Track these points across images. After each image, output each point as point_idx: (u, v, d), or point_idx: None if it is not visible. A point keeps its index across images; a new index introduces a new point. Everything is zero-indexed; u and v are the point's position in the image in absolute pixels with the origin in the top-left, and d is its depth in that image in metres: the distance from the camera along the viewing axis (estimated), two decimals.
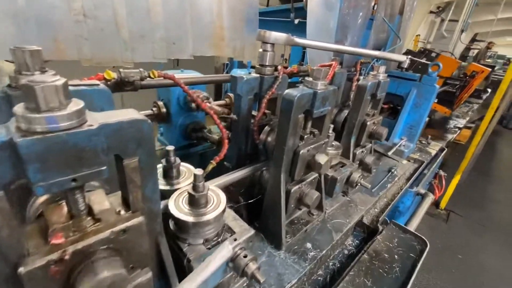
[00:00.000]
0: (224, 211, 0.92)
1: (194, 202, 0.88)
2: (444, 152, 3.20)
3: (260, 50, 1.28)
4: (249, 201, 1.33)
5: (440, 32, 15.58)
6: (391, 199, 1.91)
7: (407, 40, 15.80)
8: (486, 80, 8.76)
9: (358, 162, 1.83)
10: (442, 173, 3.14)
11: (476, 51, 13.28)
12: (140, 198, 0.66)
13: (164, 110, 1.99)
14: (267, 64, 1.30)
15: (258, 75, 1.30)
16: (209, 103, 1.52)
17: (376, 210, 1.79)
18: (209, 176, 1.21)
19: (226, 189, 1.54)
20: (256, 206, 1.35)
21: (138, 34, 1.64)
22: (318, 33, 1.93)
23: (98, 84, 0.90)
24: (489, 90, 6.97)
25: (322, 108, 1.14)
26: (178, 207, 0.90)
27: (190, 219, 0.85)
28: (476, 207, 4.44)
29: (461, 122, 5.29)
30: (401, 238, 1.51)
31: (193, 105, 1.88)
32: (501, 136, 8.77)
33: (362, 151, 1.78)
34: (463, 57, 13.34)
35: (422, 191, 2.27)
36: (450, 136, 4.51)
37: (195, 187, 0.88)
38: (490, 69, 4.56)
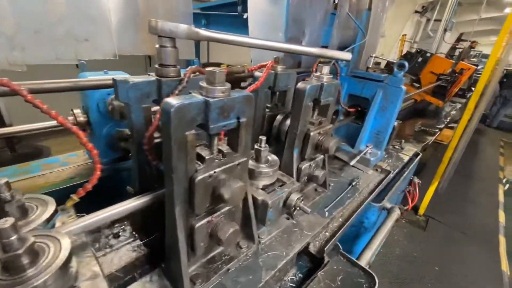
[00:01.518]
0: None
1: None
2: (419, 157, 2.99)
3: (157, 46, 1.00)
4: (148, 238, 1.05)
5: (426, 32, 15.67)
6: (347, 219, 1.66)
7: (393, 39, 15.77)
8: (469, 79, 8.80)
9: (306, 178, 1.57)
10: (416, 180, 2.93)
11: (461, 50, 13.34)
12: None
13: (82, 119, 1.69)
14: (167, 63, 1.02)
15: (154, 77, 1.02)
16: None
17: (327, 234, 1.53)
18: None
19: (133, 220, 1.26)
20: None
21: (30, 29, 1.34)
22: (263, 29, 1.67)
23: None
24: (473, 89, 7.03)
25: (223, 122, 0.87)
26: None
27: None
28: (457, 212, 4.28)
29: (451, 112, 5.62)
30: (348, 274, 1.26)
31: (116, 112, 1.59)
32: (485, 135, 8.74)
33: (310, 165, 1.52)
34: (450, 56, 13.40)
35: (388, 205, 2.04)
36: (429, 138, 4.36)
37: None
38: (475, 67, 4.90)
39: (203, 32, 1.01)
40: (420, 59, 5.24)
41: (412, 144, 3.91)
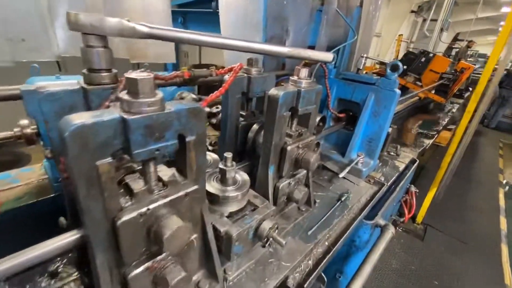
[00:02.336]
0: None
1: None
2: (416, 164, 2.80)
3: (82, 45, 0.79)
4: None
5: (422, 32, 15.59)
6: (334, 242, 1.45)
7: (389, 39, 15.65)
8: (467, 79, 8.68)
9: (285, 198, 1.37)
10: (413, 189, 2.73)
11: (458, 50, 13.26)
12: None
13: (29, 130, 1.47)
14: (97, 68, 0.81)
15: (80, 85, 0.81)
16: None
17: (310, 262, 1.32)
18: None
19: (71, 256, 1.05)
20: None
21: None
22: (237, 27, 1.46)
23: None
24: (470, 89, 6.96)
25: (156, 145, 0.67)
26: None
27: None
28: (456, 218, 4.08)
29: (455, 107, 5.88)
30: None
31: None
32: (483, 136, 8.58)
33: (289, 183, 1.32)
34: (447, 56, 13.29)
35: (382, 222, 1.83)
36: (427, 142, 4.17)
37: None
38: (475, 65, 4.62)
39: (141, 28, 0.80)
40: (423, 59, 5.41)
41: (410, 149, 3.74)
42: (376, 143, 2.07)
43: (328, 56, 1.08)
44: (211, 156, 1.26)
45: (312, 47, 2.33)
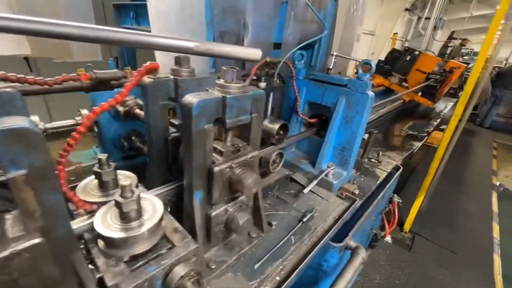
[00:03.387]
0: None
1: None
2: (400, 171, 2.57)
3: None
4: None
5: (417, 30, 15.43)
6: (287, 276, 1.21)
7: (384, 37, 15.54)
8: (460, 78, 8.47)
9: (222, 227, 1.13)
10: (396, 199, 2.50)
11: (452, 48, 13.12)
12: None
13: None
14: None
15: None
16: None
17: None
18: None
19: None
20: None
21: None
22: (169, 19, 1.22)
23: None
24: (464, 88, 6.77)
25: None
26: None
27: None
28: (447, 225, 3.87)
29: (444, 110, 5.50)
30: None
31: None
32: (477, 136, 8.40)
33: (227, 210, 1.08)
34: (442, 55, 13.12)
35: (352, 244, 1.60)
36: (416, 144, 3.95)
37: None
38: (466, 65, 4.58)
39: None
40: (408, 58, 4.95)
41: (396, 153, 3.52)
42: (349, 152, 1.84)
43: (256, 54, 0.84)
44: (123, 175, 1.01)
45: (279, 45, 2.10)
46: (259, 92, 1.00)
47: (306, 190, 1.61)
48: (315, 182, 1.69)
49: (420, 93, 4.91)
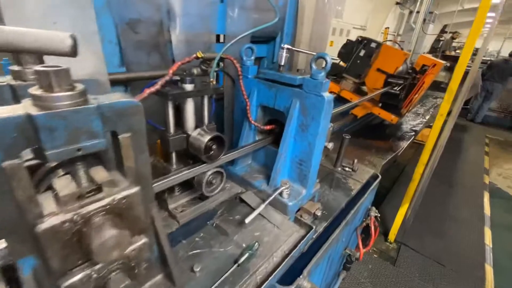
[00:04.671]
0: None
1: None
2: (378, 180, 2.26)
3: None
4: None
5: (409, 24, 15.18)
6: None
7: (375, 32, 15.28)
8: (449, 71, 8.16)
9: None
10: (373, 213, 2.19)
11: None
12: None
13: None
14: None
15: None
16: None
17: None
18: None
19: None
20: None
21: None
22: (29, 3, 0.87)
23: None
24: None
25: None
26: None
27: None
28: (435, 232, 3.59)
29: (415, 124, 4.54)
30: None
31: None
32: (468, 132, 8.17)
33: (90, 276, 0.74)
34: (434, 49, 12.86)
35: (307, 284, 1.28)
36: (402, 145, 3.65)
37: None
38: (444, 62, 3.68)
39: None
40: (362, 52, 3.51)
41: (379, 156, 3.22)
42: (307, 165, 1.51)
43: (59, 40, 0.50)
44: None
45: (228, 37, 1.76)
46: (125, 102, 0.66)
47: (247, 220, 1.28)
48: (262, 206, 1.37)
49: (380, 104, 3.69)
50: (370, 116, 4.16)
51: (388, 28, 14.15)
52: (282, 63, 1.49)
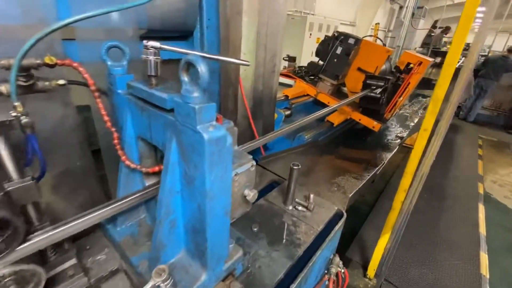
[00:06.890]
0: None
1: None
2: (343, 219, 1.70)
3: None
4: None
5: (399, 20, 14.72)
6: None
7: (364, 28, 14.76)
8: (440, 67, 7.66)
9: None
10: (334, 269, 1.62)
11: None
12: None
13: None
14: None
15: None
16: None
17: None
18: None
19: None
20: None
21: None
22: None
23: None
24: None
25: None
26: None
27: None
28: (423, 262, 3.06)
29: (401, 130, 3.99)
30: None
31: None
32: (461, 132, 7.68)
33: None
34: (425, 44, 12.40)
35: None
36: (384, 157, 3.10)
37: None
38: (431, 59, 3.16)
39: None
40: (339, 49, 3.09)
41: (353, 176, 2.64)
42: (202, 238, 0.93)
43: None
44: None
45: (118, 31, 1.16)
46: None
47: None
48: None
49: (361, 109, 3.22)
50: (352, 121, 3.62)
51: (379, 23, 13.64)
52: (152, 73, 0.89)
